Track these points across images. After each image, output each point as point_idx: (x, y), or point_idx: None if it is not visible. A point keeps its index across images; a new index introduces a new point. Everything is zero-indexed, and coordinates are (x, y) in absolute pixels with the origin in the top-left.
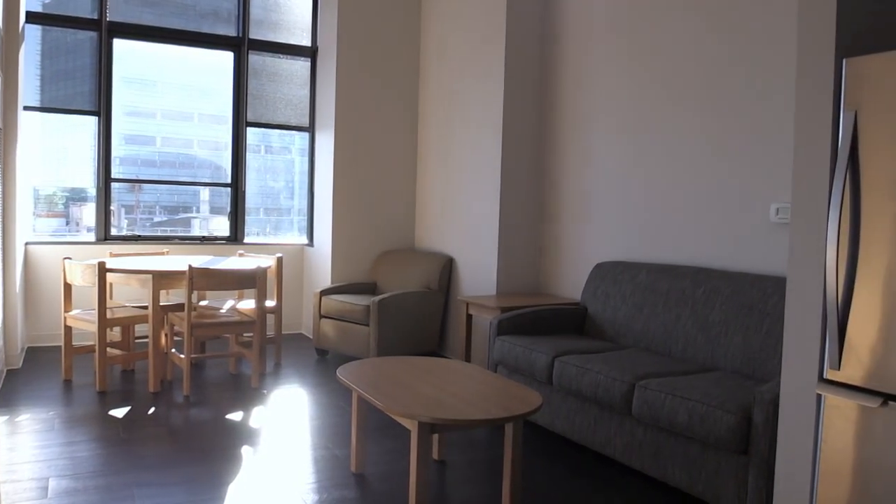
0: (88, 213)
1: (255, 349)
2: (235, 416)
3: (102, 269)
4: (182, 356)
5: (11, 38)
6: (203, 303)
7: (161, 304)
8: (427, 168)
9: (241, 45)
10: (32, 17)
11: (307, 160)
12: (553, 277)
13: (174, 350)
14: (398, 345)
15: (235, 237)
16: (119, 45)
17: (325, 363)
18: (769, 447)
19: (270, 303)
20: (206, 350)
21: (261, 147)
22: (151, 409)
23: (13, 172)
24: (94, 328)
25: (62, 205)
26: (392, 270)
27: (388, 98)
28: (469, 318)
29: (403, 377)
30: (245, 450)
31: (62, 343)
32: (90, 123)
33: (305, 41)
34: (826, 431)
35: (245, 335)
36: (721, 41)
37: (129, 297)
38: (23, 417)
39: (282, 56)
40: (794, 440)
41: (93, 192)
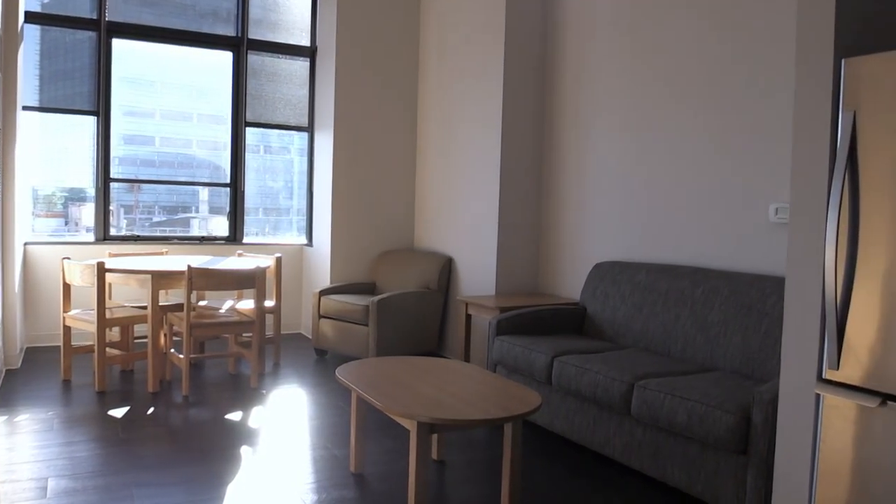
0: (87, 213)
1: (254, 349)
2: (234, 417)
3: (101, 270)
4: (181, 356)
5: (10, 38)
6: (202, 303)
7: (160, 305)
8: (426, 168)
9: (241, 45)
10: (31, 17)
11: (306, 160)
12: (552, 277)
13: (173, 350)
14: (397, 345)
15: (234, 237)
16: (118, 45)
17: (325, 363)
18: (768, 447)
19: (269, 303)
20: (206, 350)
21: (260, 147)
22: (150, 410)
23: (12, 172)
24: (93, 328)
25: (61, 205)
26: (391, 270)
27: (388, 98)
28: (468, 318)
29: (402, 377)
30: (244, 450)
31: (61, 343)
32: (89, 123)
33: (304, 41)
34: (825, 431)
35: (244, 335)
36: (723, 40)
37: (128, 298)
38: (22, 417)
39: (281, 56)
40: (793, 440)
41: (92, 192)
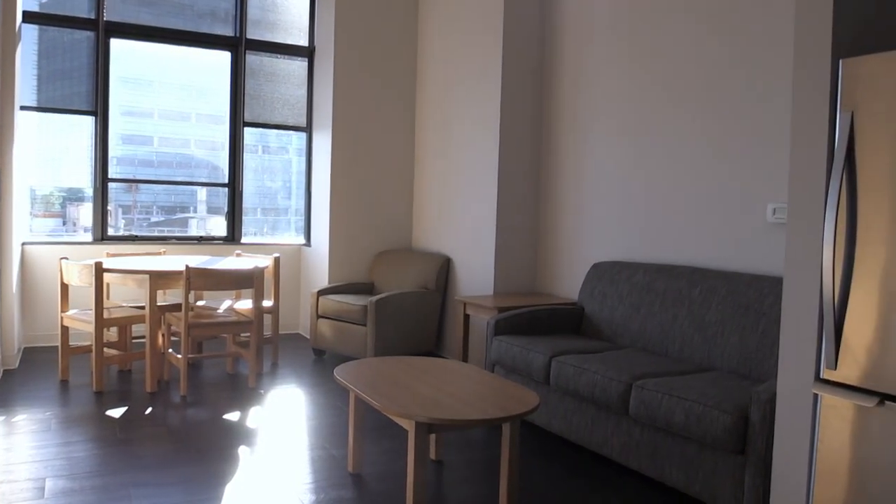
0: (85, 213)
1: (253, 349)
2: (232, 416)
3: (99, 270)
4: (179, 356)
5: (8, 38)
6: (200, 303)
7: (158, 305)
8: (425, 168)
9: (239, 45)
10: (29, 17)
11: (304, 160)
12: (550, 277)
13: (171, 350)
14: (395, 345)
15: (233, 237)
16: (116, 45)
17: (323, 363)
18: (766, 447)
19: (268, 303)
20: (204, 350)
21: (258, 147)
22: (148, 410)
23: (10, 172)
24: (91, 328)
25: (59, 205)
26: (389, 270)
27: (386, 98)
28: (466, 318)
29: (401, 377)
30: (242, 450)
31: (59, 343)
32: (87, 123)
33: (303, 41)
34: (822, 431)
35: (242, 335)
36: (721, 43)
37: (126, 298)
38: (19, 418)
39: (279, 56)
40: (791, 440)
41: (90, 192)
